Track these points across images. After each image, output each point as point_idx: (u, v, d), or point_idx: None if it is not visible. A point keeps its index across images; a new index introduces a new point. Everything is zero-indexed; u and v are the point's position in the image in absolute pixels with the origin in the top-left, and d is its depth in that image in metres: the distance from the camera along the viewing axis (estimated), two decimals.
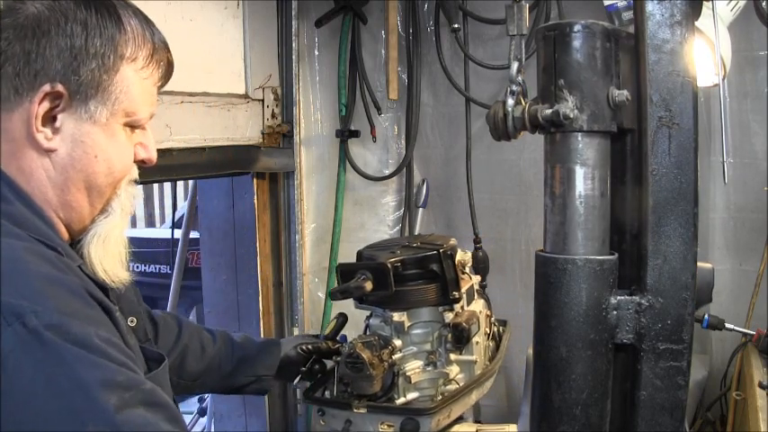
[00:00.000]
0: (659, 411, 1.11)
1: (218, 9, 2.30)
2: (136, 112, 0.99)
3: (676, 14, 1.07)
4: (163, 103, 2.06)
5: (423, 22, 2.67)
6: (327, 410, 1.61)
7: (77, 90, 0.92)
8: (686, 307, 1.09)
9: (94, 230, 1.00)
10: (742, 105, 2.31)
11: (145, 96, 1.01)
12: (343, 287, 1.56)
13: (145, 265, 4.07)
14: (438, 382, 1.67)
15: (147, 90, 1.01)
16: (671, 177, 1.09)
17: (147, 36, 1.00)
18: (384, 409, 1.56)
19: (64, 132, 0.93)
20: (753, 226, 2.32)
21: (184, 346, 1.45)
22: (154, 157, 1.07)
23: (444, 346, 1.66)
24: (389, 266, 1.55)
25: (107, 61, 0.94)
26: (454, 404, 1.60)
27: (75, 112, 0.93)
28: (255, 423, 2.71)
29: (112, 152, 0.97)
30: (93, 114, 0.94)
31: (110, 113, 0.95)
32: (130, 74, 0.97)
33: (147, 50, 1.00)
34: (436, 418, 1.54)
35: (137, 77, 0.99)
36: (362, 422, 1.57)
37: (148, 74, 1.01)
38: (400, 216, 2.82)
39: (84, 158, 0.94)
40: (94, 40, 0.92)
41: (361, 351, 1.55)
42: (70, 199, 0.96)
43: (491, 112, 1.18)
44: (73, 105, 0.93)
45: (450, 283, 1.64)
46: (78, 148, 0.94)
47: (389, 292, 1.56)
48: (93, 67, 0.92)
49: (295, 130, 2.59)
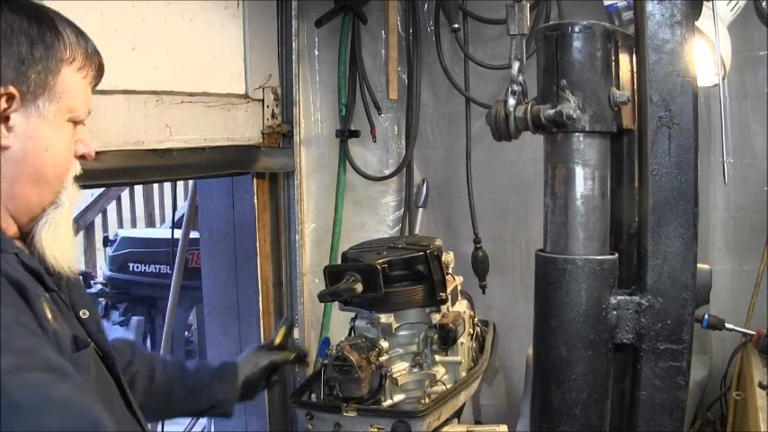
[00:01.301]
0: (659, 411, 1.11)
1: (218, 9, 2.30)
2: (77, 107, 1.11)
3: (676, 14, 1.07)
4: (163, 103, 2.07)
5: (423, 22, 2.67)
6: (316, 414, 1.60)
7: (27, 91, 1.04)
8: (686, 307, 1.09)
9: (45, 219, 1.09)
10: (742, 105, 2.31)
11: (83, 94, 1.13)
12: (333, 289, 1.55)
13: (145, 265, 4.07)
14: (425, 384, 1.67)
15: (83, 89, 1.13)
16: (671, 177, 1.09)
17: (81, 42, 1.13)
18: (374, 412, 1.56)
19: (17, 130, 1.03)
20: (753, 226, 2.32)
21: (134, 373, 1.50)
22: (92, 152, 1.17)
23: (430, 347, 1.66)
24: (379, 268, 1.54)
25: (50, 64, 1.06)
26: (444, 406, 1.59)
27: (26, 111, 1.04)
28: (255, 423, 2.71)
29: (59, 145, 1.09)
30: (41, 111, 1.05)
31: (56, 109, 1.07)
32: (70, 74, 1.10)
33: (82, 54, 1.12)
34: (427, 420, 1.53)
35: (75, 77, 1.11)
36: (352, 425, 1.56)
37: (84, 74, 1.13)
38: (400, 216, 2.82)
39: (34, 152, 1.05)
40: (38, 47, 1.05)
41: (349, 353, 1.53)
42: (18, 191, 1.05)
43: (492, 113, 1.18)
44: (24, 105, 1.04)
45: (437, 284, 1.64)
46: (29, 143, 1.04)
47: (379, 294, 1.56)
48: (40, 70, 1.05)
49: (295, 130, 2.59)
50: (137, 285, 4.07)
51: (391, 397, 1.65)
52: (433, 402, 1.57)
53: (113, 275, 4.14)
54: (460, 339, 1.69)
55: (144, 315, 4.09)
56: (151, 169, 2.03)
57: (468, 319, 1.83)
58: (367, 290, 1.55)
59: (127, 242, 4.20)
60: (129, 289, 4.10)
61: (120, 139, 1.92)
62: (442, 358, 1.69)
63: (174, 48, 2.12)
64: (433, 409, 1.54)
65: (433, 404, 1.56)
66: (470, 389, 1.72)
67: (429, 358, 1.67)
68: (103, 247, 4.50)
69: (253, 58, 2.44)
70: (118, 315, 4.09)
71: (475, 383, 1.75)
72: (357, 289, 1.53)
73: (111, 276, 4.16)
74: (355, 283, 1.53)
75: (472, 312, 1.90)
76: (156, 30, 2.04)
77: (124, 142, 1.93)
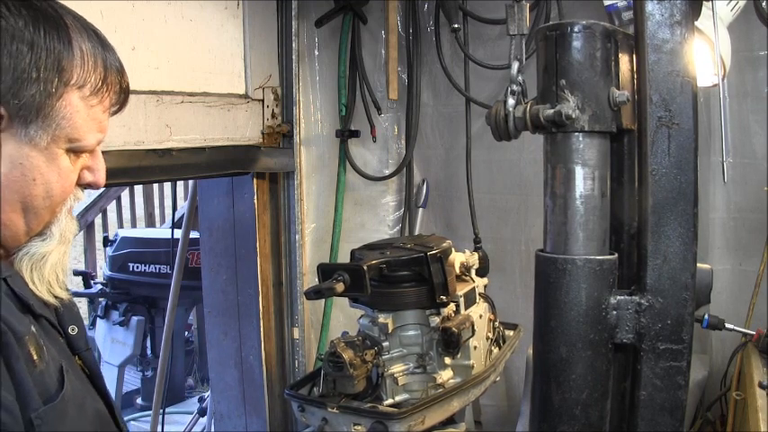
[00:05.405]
0: (659, 411, 1.11)
1: (218, 9, 2.30)
2: (80, 138, 0.96)
3: (676, 14, 1.07)
4: (163, 103, 2.07)
5: (423, 22, 2.67)
6: (307, 407, 1.63)
7: (17, 113, 0.89)
8: (686, 307, 1.09)
9: (27, 251, 0.98)
10: (742, 105, 2.31)
11: (91, 123, 0.97)
12: (316, 287, 1.58)
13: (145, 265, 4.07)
14: (427, 386, 1.67)
15: (94, 117, 0.98)
16: (671, 177, 1.09)
17: (99, 61, 0.97)
18: (355, 411, 1.58)
19: (3, 152, 0.90)
20: (753, 226, 2.32)
21: None
22: (101, 181, 1.04)
23: (436, 349, 1.66)
24: (365, 268, 1.55)
25: (49, 86, 0.91)
26: (428, 410, 1.59)
27: (16, 134, 0.90)
28: (255, 423, 2.71)
29: (52, 177, 0.95)
30: (32, 138, 0.91)
31: (50, 139, 0.93)
32: (75, 100, 0.94)
33: (98, 76, 0.97)
34: (407, 422, 1.53)
35: (83, 104, 0.96)
36: (336, 422, 1.59)
37: (97, 101, 0.98)
38: (400, 216, 2.82)
39: (22, 180, 0.92)
40: (39, 63, 0.89)
41: (342, 351, 1.56)
42: (4, 218, 0.93)
43: (492, 113, 1.18)
44: (14, 126, 0.90)
45: (438, 287, 1.64)
46: (16, 170, 0.91)
47: (365, 294, 1.57)
48: (35, 92, 0.90)
49: (295, 130, 2.59)
50: (137, 285, 4.07)
51: (393, 396, 1.65)
52: (414, 405, 1.57)
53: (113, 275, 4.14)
54: (473, 343, 1.69)
55: (144, 315, 4.09)
56: (151, 169, 2.03)
57: (487, 323, 1.83)
58: (354, 289, 1.56)
59: (127, 242, 4.20)
60: (129, 289, 4.10)
61: (120, 139, 1.92)
62: (453, 361, 1.68)
63: (174, 48, 2.12)
64: (414, 412, 1.54)
65: (414, 407, 1.56)
66: (468, 395, 1.71)
67: (435, 360, 1.67)
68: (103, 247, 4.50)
69: (253, 58, 2.44)
70: (118, 315, 4.08)
71: (475, 390, 1.73)
72: (338, 288, 1.54)
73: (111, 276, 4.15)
74: (338, 282, 1.54)
75: (492, 315, 1.89)
76: (156, 30, 2.04)
77: (124, 142, 1.93)
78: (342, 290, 1.55)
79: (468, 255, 1.89)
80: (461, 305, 1.72)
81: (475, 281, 1.87)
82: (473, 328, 1.68)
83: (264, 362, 2.63)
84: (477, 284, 1.87)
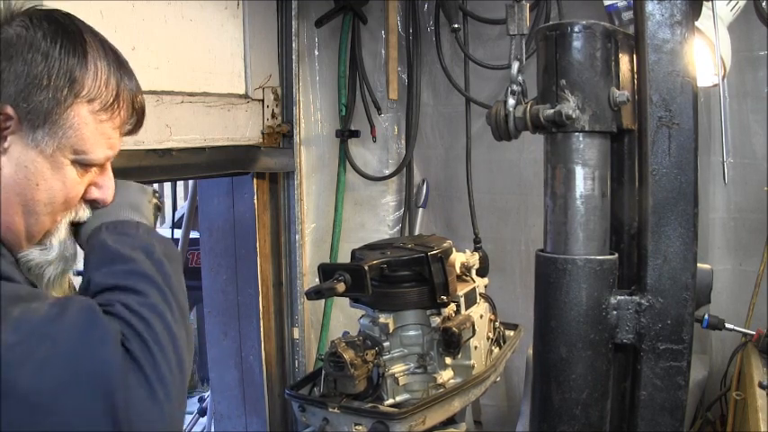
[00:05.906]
0: (659, 411, 1.11)
1: (218, 9, 2.30)
2: (86, 151, 0.98)
3: (676, 14, 1.07)
4: (163, 103, 2.07)
5: (423, 22, 2.67)
6: (308, 407, 1.63)
7: (25, 117, 0.93)
8: (686, 307, 1.09)
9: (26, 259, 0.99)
10: (742, 105, 2.31)
11: (99, 138, 0.99)
12: (317, 287, 1.58)
13: None
14: (428, 386, 1.67)
15: (102, 132, 1.00)
16: (671, 177, 1.09)
17: (113, 79, 1.00)
18: (355, 411, 1.57)
19: (11, 154, 0.94)
20: (753, 226, 2.32)
21: None
22: (108, 198, 1.05)
23: (437, 349, 1.66)
24: (366, 269, 1.55)
25: (59, 95, 0.94)
26: (429, 410, 1.59)
27: (24, 138, 0.94)
28: (255, 423, 2.71)
29: (55, 185, 0.97)
30: (39, 143, 0.94)
31: (56, 146, 0.95)
32: (84, 113, 0.97)
33: (110, 93, 0.99)
34: (407, 422, 1.53)
35: (92, 118, 0.98)
36: (337, 422, 1.59)
37: (107, 116, 1.00)
38: (400, 216, 2.82)
39: (25, 183, 0.95)
40: (51, 71, 0.93)
41: (343, 351, 1.56)
42: (8, 221, 0.95)
43: (492, 112, 1.18)
44: (22, 130, 0.93)
45: (438, 287, 1.64)
46: (21, 173, 0.94)
47: (366, 294, 1.57)
48: (44, 98, 0.93)
49: (295, 130, 2.59)
50: None
51: (394, 396, 1.65)
52: (415, 405, 1.57)
53: None
54: (474, 343, 1.69)
55: None
56: (151, 169, 2.03)
57: (488, 323, 1.83)
58: (354, 289, 1.56)
59: None
60: None
61: None
62: (453, 361, 1.68)
63: (174, 48, 2.11)
64: (414, 412, 1.54)
65: (414, 407, 1.56)
66: (469, 395, 1.71)
67: (435, 360, 1.67)
68: None
69: (253, 58, 2.44)
70: None
71: (476, 390, 1.73)
72: (339, 289, 1.54)
73: None
74: (338, 282, 1.54)
75: (492, 315, 1.89)
76: (156, 30, 2.04)
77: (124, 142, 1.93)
78: (343, 290, 1.55)
79: (469, 255, 1.89)
80: (462, 305, 1.72)
81: (475, 281, 1.86)
82: (474, 328, 1.68)
83: (264, 362, 2.63)
84: (478, 284, 1.87)
